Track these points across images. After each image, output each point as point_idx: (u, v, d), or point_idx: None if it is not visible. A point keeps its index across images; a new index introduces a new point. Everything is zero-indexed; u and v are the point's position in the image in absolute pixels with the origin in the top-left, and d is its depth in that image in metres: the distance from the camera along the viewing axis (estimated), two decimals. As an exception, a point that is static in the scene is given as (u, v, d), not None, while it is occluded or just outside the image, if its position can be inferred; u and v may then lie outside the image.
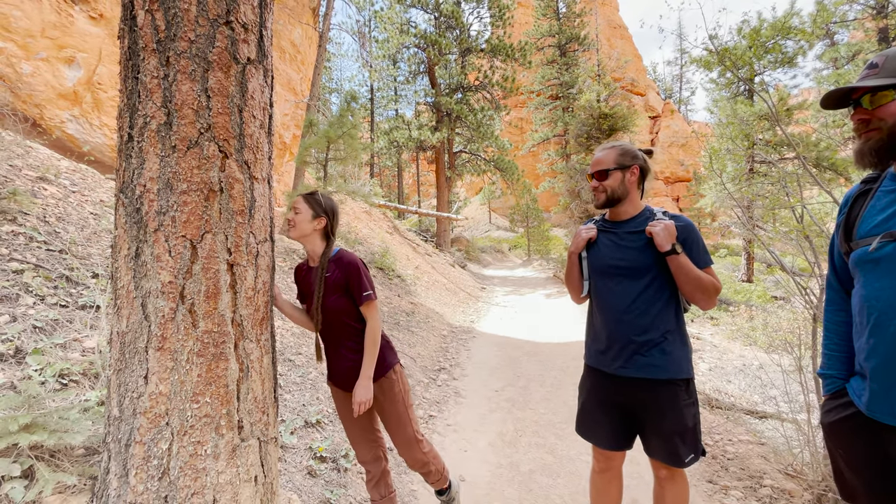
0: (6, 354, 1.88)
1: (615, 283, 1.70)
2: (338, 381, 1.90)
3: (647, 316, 1.63)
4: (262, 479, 1.50)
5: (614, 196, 1.71)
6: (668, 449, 1.63)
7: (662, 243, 1.57)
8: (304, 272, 1.91)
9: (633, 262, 1.65)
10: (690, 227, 1.64)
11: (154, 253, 1.28)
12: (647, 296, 1.64)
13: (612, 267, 1.70)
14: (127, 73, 1.34)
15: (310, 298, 1.85)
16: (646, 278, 1.64)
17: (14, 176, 3.67)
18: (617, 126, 13.53)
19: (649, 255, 1.63)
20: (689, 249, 1.61)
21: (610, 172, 1.70)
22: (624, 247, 1.69)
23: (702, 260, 1.62)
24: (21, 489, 1.33)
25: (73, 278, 2.72)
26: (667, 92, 54.90)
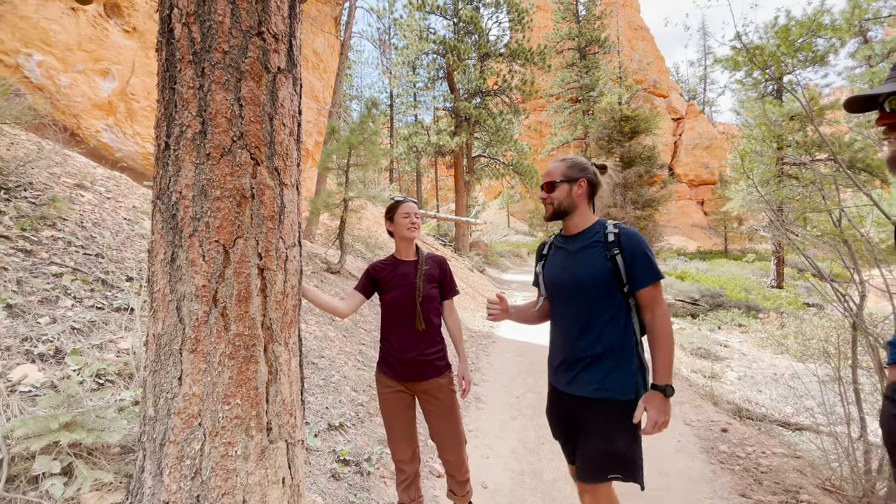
0: (47, 354, 1.96)
1: (565, 298, 1.67)
2: (402, 371, 1.96)
3: (592, 333, 1.58)
4: (289, 481, 1.52)
5: (560, 208, 1.69)
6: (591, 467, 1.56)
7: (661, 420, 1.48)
8: (389, 267, 2.05)
9: (582, 278, 1.61)
10: (636, 237, 1.58)
11: (189, 257, 1.32)
12: (594, 312, 1.59)
13: (562, 282, 1.68)
14: (164, 83, 1.39)
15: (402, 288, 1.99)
16: (594, 294, 1.59)
17: (53, 183, 3.84)
18: (639, 129, 13.34)
19: (597, 271, 1.58)
20: (632, 263, 1.55)
21: (557, 185, 1.68)
22: (574, 262, 1.65)
23: (646, 275, 1.54)
24: (60, 486, 1.38)
25: (108, 281, 2.82)
26: (690, 93, 53.83)
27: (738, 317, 10.02)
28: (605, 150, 14.11)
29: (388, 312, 2.02)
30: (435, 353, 1.99)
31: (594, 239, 1.63)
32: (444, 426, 1.97)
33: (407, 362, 1.95)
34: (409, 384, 1.99)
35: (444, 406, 1.98)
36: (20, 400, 1.64)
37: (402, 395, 2.00)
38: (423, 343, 1.96)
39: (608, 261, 1.57)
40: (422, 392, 1.99)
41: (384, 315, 2.05)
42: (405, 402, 2.00)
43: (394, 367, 1.98)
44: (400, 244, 2.07)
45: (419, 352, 1.95)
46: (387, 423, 2.02)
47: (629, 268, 1.55)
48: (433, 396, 1.98)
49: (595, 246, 1.61)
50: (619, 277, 1.56)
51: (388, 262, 2.08)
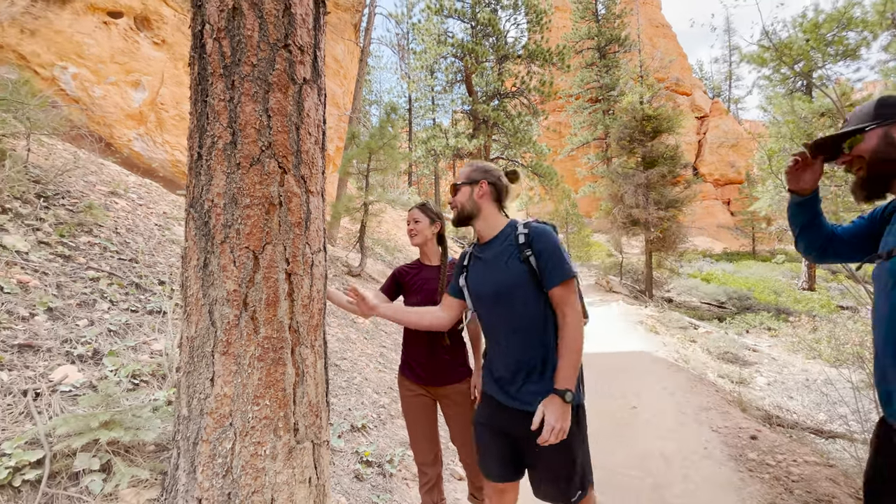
0: (85, 356, 2.05)
1: (492, 309, 1.60)
2: (424, 375, 1.99)
3: (527, 342, 1.52)
4: (315, 481, 1.56)
5: (464, 212, 1.66)
6: (556, 490, 1.52)
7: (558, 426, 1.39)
8: (414, 271, 2.08)
9: (501, 286, 1.55)
10: (545, 235, 1.52)
11: (220, 263, 1.37)
12: (524, 319, 1.52)
13: (485, 293, 1.61)
14: (197, 96, 1.45)
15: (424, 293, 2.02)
16: (519, 301, 1.52)
17: (89, 191, 4.02)
18: (661, 128, 13.09)
19: (515, 276, 1.52)
20: (543, 262, 1.50)
21: (459, 187, 1.67)
22: (491, 270, 1.60)
23: (555, 274, 1.48)
24: (100, 482, 1.45)
25: (142, 285, 2.93)
26: (715, 90, 52.56)
27: (767, 320, 9.72)
28: (626, 150, 13.89)
29: None
30: (456, 359, 2.02)
31: (506, 243, 1.59)
32: (464, 430, 1.98)
33: (428, 367, 1.98)
34: (431, 388, 2.01)
35: (464, 411, 1.99)
36: (61, 399, 1.72)
37: (424, 398, 2.03)
38: (444, 348, 1.98)
39: (523, 263, 1.51)
40: (443, 396, 2.02)
41: None
42: (427, 405, 2.03)
43: (416, 371, 2.01)
44: (420, 249, 2.10)
45: (440, 357, 1.98)
46: (409, 426, 2.04)
47: (540, 266, 1.50)
48: (454, 401, 2.00)
49: (508, 250, 1.57)
50: (537, 279, 1.51)
51: (414, 266, 2.12)
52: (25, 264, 2.53)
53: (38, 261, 2.62)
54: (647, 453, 3.18)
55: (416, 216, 2.06)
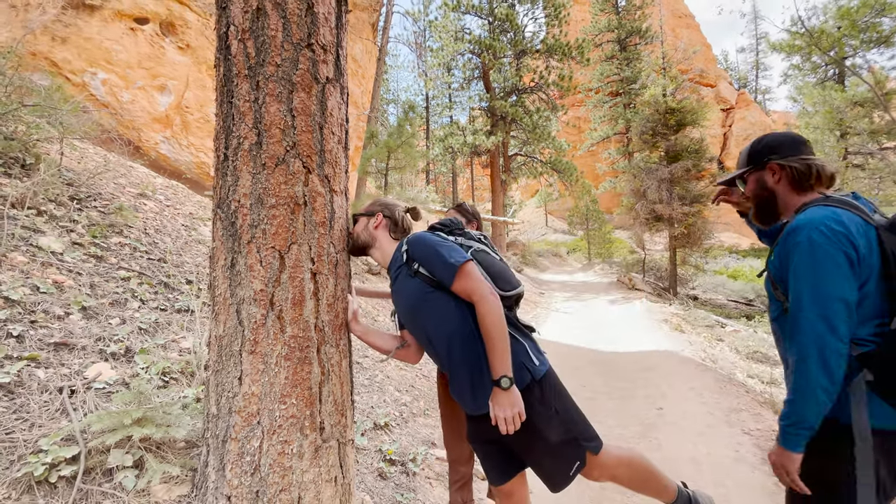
0: (118, 353, 2.11)
1: (414, 332, 1.60)
2: None
3: (454, 349, 1.48)
4: (340, 480, 1.56)
5: (358, 241, 1.68)
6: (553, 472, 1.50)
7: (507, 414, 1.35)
8: None
9: (408, 305, 1.57)
10: (418, 242, 1.53)
11: (247, 263, 1.38)
12: (441, 330, 1.49)
13: (402, 318, 1.65)
14: (222, 98, 1.46)
15: None
16: (429, 315, 1.51)
17: (119, 193, 4.14)
18: (685, 121, 12.74)
19: (413, 292, 1.52)
20: (430, 267, 1.49)
21: (358, 217, 1.71)
22: (398, 296, 1.61)
23: (445, 272, 1.45)
24: (132, 478, 1.48)
25: (170, 284, 3.00)
26: (741, 81, 50.98)
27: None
28: (648, 145, 13.56)
29: None
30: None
31: (397, 266, 1.60)
32: None
33: None
34: None
35: None
36: (95, 396, 1.77)
37: None
38: None
39: (414, 277, 1.52)
40: None
41: None
42: None
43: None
44: None
45: None
46: (445, 422, 2.06)
47: (433, 272, 1.49)
48: None
49: (401, 270, 1.58)
50: (435, 285, 1.49)
51: None
52: (60, 265, 2.61)
53: (73, 261, 2.70)
54: (676, 457, 3.10)
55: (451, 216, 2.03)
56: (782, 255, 1.29)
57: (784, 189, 1.39)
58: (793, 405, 1.21)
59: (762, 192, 1.44)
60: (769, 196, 1.42)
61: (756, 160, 1.43)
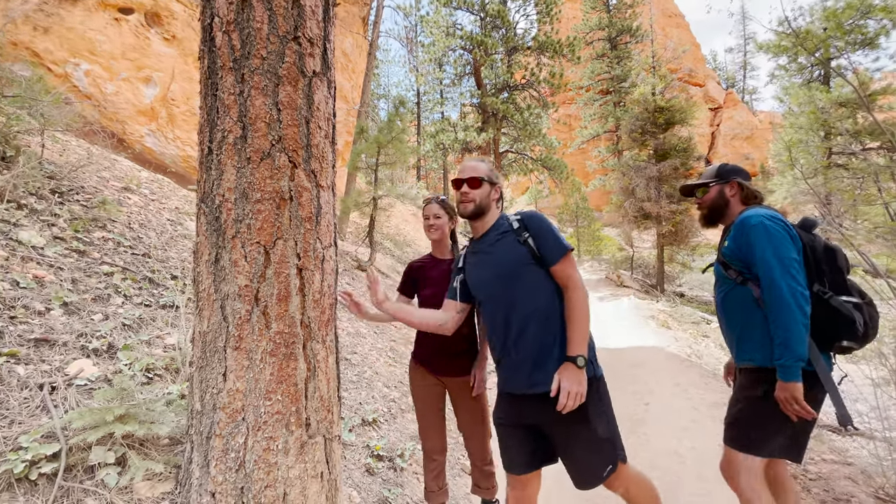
0: (100, 350, 2.08)
1: (497, 296, 1.63)
2: (439, 367, 2.03)
3: (534, 324, 1.55)
4: (327, 476, 1.56)
5: (479, 207, 1.70)
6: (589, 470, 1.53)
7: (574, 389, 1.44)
8: (428, 265, 2.11)
9: (504, 267, 1.61)
10: (536, 217, 1.63)
11: (232, 258, 1.37)
12: (529, 302, 1.57)
13: (488, 279, 1.66)
14: (206, 90, 1.43)
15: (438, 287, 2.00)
16: (522, 282, 1.58)
17: (103, 187, 4.06)
18: (674, 119, 12.87)
19: (517, 257, 1.59)
20: (541, 243, 1.58)
21: (483, 182, 1.70)
22: (492, 257, 1.66)
23: (555, 251, 1.56)
24: (115, 475, 1.46)
25: (154, 280, 2.96)
26: (729, 81, 51.57)
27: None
28: (637, 143, 13.68)
29: (428, 305, 2.06)
30: (471, 350, 2.07)
31: (503, 230, 1.67)
32: (474, 419, 2.04)
33: (442, 358, 2.03)
34: (443, 378, 2.06)
35: (474, 401, 2.05)
36: (77, 393, 1.74)
37: (438, 388, 2.08)
38: (459, 340, 2.00)
39: (522, 245, 1.60)
40: (454, 386, 2.07)
41: (424, 306, 2.09)
42: (439, 395, 2.09)
43: (429, 360, 2.06)
44: (432, 243, 2.13)
45: (456, 349, 2.01)
46: (421, 415, 2.09)
47: (539, 248, 1.58)
48: (465, 391, 2.04)
49: (506, 235, 1.65)
50: (539, 260, 1.58)
51: (426, 261, 2.15)
52: (41, 259, 2.56)
53: (54, 256, 2.65)
54: (662, 451, 3.14)
55: (436, 211, 2.08)
56: (739, 240, 1.67)
57: (735, 202, 1.82)
58: (787, 345, 1.50)
59: (720, 200, 1.84)
60: (724, 204, 1.84)
61: (724, 176, 1.86)
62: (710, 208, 1.87)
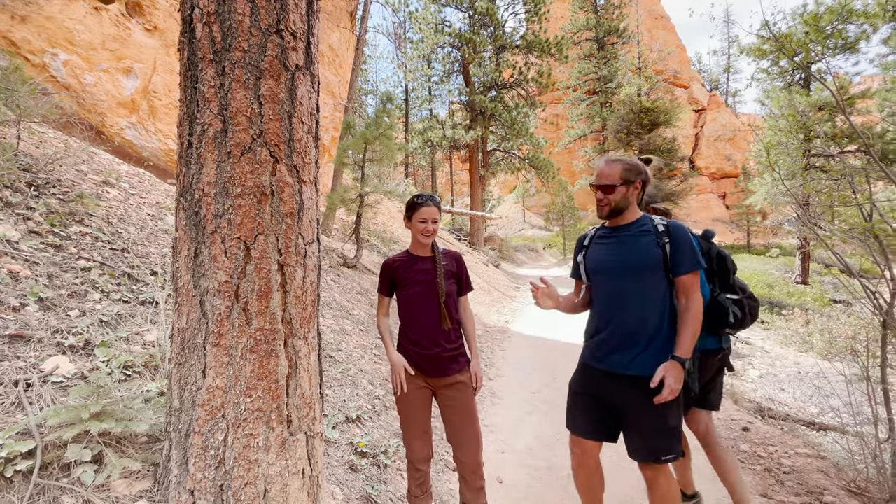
0: (77, 346, 2.03)
1: (615, 282, 1.80)
2: (425, 366, 1.96)
3: (643, 314, 1.73)
4: (308, 473, 1.55)
5: (617, 208, 1.84)
6: (649, 447, 1.70)
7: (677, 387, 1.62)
8: (406, 263, 2.04)
9: (635, 262, 1.76)
10: (682, 229, 1.76)
11: (211, 254, 1.35)
12: (645, 294, 1.74)
13: (613, 267, 1.81)
14: (186, 83, 1.41)
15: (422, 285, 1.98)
16: (645, 278, 1.74)
17: (81, 180, 3.96)
18: (659, 120, 13.05)
19: (651, 257, 1.73)
20: (678, 252, 1.71)
21: (616, 188, 1.82)
22: (626, 249, 1.80)
23: (690, 263, 1.70)
24: (91, 473, 1.43)
25: (134, 275, 2.90)
26: (713, 83, 52.42)
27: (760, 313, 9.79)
28: (623, 143, 13.85)
29: (408, 308, 2.00)
30: (457, 349, 2.00)
31: (644, 228, 1.80)
32: (463, 424, 1.93)
33: (430, 358, 1.94)
34: (431, 380, 1.97)
35: (463, 403, 1.95)
36: (52, 390, 1.70)
37: (424, 391, 1.98)
38: (445, 339, 1.96)
39: (659, 248, 1.74)
40: (443, 387, 1.97)
41: (402, 310, 2.03)
42: (426, 399, 1.99)
43: (416, 362, 1.96)
44: (415, 242, 2.06)
45: (442, 348, 1.95)
46: (405, 420, 1.99)
47: (674, 255, 1.72)
48: (455, 392, 1.95)
49: (646, 235, 1.78)
50: (666, 264, 1.73)
51: (404, 258, 2.06)
52: (16, 254, 2.49)
53: (29, 250, 2.58)
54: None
55: (435, 216, 2.00)
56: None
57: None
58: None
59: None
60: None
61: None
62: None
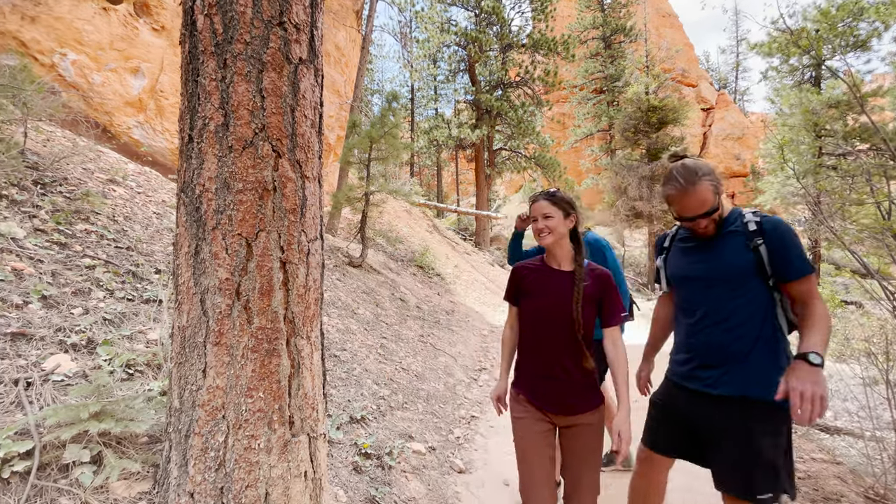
0: (79, 345, 2.01)
1: (699, 292, 1.56)
2: (548, 399, 1.61)
3: (733, 328, 1.47)
4: (311, 475, 1.52)
5: (721, 218, 1.55)
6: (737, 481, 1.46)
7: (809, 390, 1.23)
8: (537, 274, 1.67)
9: (720, 270, 1.51)
10: (780, 228, 1.44)
11: (212, 250, 1.32)
12: (736, 305, 1.47)
13: (696, 275, 1.57)
14: (187, 76, 1.38)
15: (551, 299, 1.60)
16: (734, 287, 1.48)
17: (87, 178, 3.97)
18: (667, 119, 12.92)
19: (739, 262, 1.46)
20: (778, 255, 1.42)
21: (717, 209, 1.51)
22: (710, 254, 1.54)
23: (797, 268, 1.40)
24: (90, 474, 1.41)
25: (138, 274, 2.89)
26: (721, 82, 51.94)
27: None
28: (630, 142, 13.74)
29: (532, 324, 1.64)
30: (588, 383, 1.61)
31: (731, 229, 1.52)
32: (582, 471, 1.58)
33: (555, 390, 1.59)
34: (562, 417, 1.61)
35: (588, 449, 1.59)
36: (53, 389, 1.68)
37: (544, 425, 1.61)
38: (576, 369, 1.58)
39: (750, 251, 1.45)
40: (566, 426, 1.62)
41: (525, 326, 1.68)
42: (548, 434, 1.62)
43: (537, 392, 1.62)
44: (548, 249, 1.67)
45: (571, 380, 1.58)
46: (523, 460, 1.60)
47: (774, 259, 1.42)
48: (582, 433, 1.59)
49: (733, 236, 1.50)
50: (762, 269, 1.44)
51: (536, 267, 1.69)
52: (21, 252, 2.48)
53: (34, 248, 2.58)
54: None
55: (545, 209, 1.62)
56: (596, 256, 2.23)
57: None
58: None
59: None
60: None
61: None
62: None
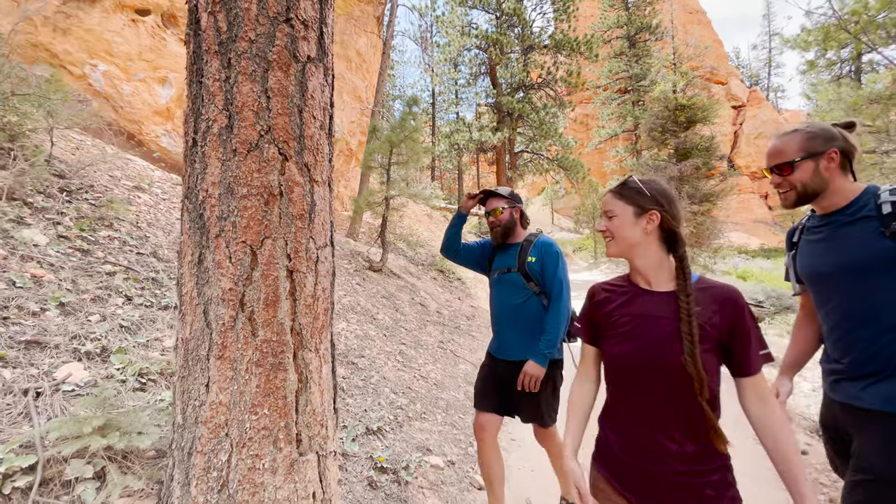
0: (93, 353, 2.00)
1: (832, 291, 1.35)
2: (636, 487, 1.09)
3: (876, 327, 1.25)
4: (320, 496, 1.43)
5: (807, 192, 1.35)
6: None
7: None
8: (620, 297, 1.20)
9: (850, 263, 1.29)
10: None
11: (215, 259, 1.25)
12: (878, 304, 1.24)
13: (824, 272, 1.37)
14: (192, 77, 1.33)
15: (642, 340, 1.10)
16: (872, 282, 1.25)
17: (113, 185, 4.04)
18: (696, 118, 12.49)
19: (871, 253, 1.24)
20: None
21: (796, 164, 1.33)
22: (836, 245, 1.33)
23: None
24: (93, 491, 1.36)
25: (158, 280, 2.89)
26: (752, 79, 50.24)
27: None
28: (657, 142, 13.33)
29: (615, 379, 1.18)
30: (708, 471, 1.04)
31: (862, 214, 1.29)
32: None
33: (649, 476, 1.07)
34: None
35: None
36: (63, 399, 1.66)
37: None
38: (685, 445, 1.04)
39: (886, 238, 1.22)
40: None
41: (608, 373, 1.20)
42: None
43: (621, 474, 1.13)
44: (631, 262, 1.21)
45: (676, 464, 1.04)
46: None
47: None
48: None
49: (864, 222, 1.28)
50: None
51: (619, 288, 1.22)
52: (42, 258, 2.51)
53: (56, 255, 2.60)
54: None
55: (607, 205, 1.20)
56: (542, 258, 2.10)
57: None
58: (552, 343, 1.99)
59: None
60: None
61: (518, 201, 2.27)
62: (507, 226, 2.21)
